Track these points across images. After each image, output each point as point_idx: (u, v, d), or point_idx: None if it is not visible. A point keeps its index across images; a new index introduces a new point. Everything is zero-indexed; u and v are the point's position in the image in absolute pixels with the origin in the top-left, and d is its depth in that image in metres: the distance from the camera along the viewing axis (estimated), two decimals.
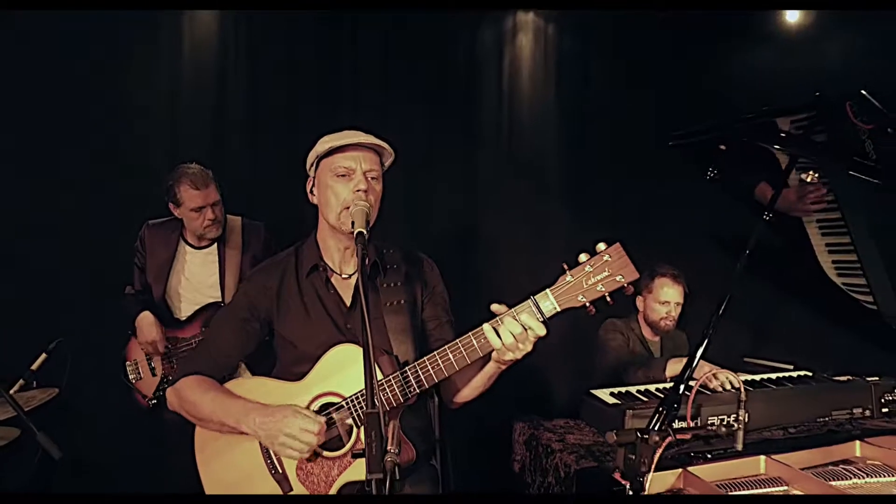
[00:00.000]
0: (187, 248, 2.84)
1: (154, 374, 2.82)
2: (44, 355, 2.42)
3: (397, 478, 1.33)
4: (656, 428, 1.58)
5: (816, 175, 1.92)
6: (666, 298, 3.02)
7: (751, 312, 3.49)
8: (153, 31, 3.22)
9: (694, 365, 2.03)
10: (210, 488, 1.76)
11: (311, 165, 1.78)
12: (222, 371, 1.80)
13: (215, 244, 2.84)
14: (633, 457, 1.53)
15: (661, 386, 2.54)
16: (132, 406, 2.85)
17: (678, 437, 1.62)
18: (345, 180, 1.69)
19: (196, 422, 1.77)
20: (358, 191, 1.67)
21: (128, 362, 2.84)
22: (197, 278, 2.83)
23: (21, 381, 2.37)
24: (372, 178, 1.72)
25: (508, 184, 3.65)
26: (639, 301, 3.15)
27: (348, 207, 1.66)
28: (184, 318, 2.83)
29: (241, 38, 3.34)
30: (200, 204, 2.68)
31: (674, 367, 2.69)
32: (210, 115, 3.34)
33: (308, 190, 1.80)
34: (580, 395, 2.57)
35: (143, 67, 3.24)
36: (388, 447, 1.32)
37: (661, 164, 3.45)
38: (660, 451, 1.56)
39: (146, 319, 2.74)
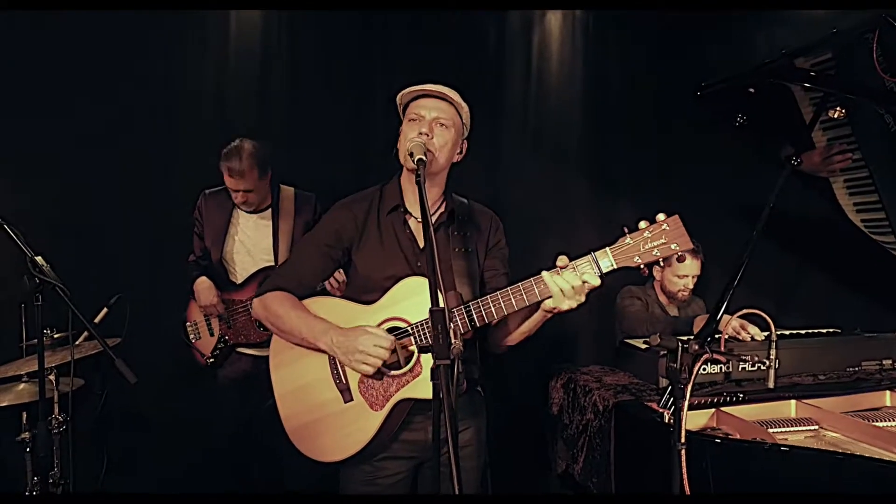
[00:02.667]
0: (241, 212, 3.00)
1: (212, 335, 2.99)
2: (105, 310, 2.61)
3: (460, 370, 1.46)
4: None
5: (843, 111, 2.01)
6: (685, 272, 3.04)
7: (774, 281, 3.54)
8: (202, 29, 3.45)
9: (720, 315, 2.11)
10: (279, 390, 1.90)
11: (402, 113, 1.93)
12: (304, 291, 1.92)
13: (269, 210, 2.99)
14: (675, 365, 1.64)
15: (690, 337, 2.62)
16: (190, 363, 3.03)
17: (714, 356, 1.73)
18: (414, 125, 1.84)
19: (277, 332, 1.90)
20: (421, 133, 1.81)
21: (188, 323, 3.03)
22: (251, 241, 2.99)
23: (85, 333, 2.55)
24: (440, 125, 1.84)
25: (534, 160, 3.73)
26: (656, 271, 3.16)
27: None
28: (239, 282, 2.98)
29: (283, 33, 3.54)
30: (232, 188, 2.88)
31: (700, 323, 2.76)
32: (255, 98, 3.53)
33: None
34: (608, 359, 2.65)
35: (195, 56, 3.45)
36: (453, 339, 1.45)
37: (686, 142, 3.56)
38: (699, 363, 1.67)
39: (203, 284, 2.92)
